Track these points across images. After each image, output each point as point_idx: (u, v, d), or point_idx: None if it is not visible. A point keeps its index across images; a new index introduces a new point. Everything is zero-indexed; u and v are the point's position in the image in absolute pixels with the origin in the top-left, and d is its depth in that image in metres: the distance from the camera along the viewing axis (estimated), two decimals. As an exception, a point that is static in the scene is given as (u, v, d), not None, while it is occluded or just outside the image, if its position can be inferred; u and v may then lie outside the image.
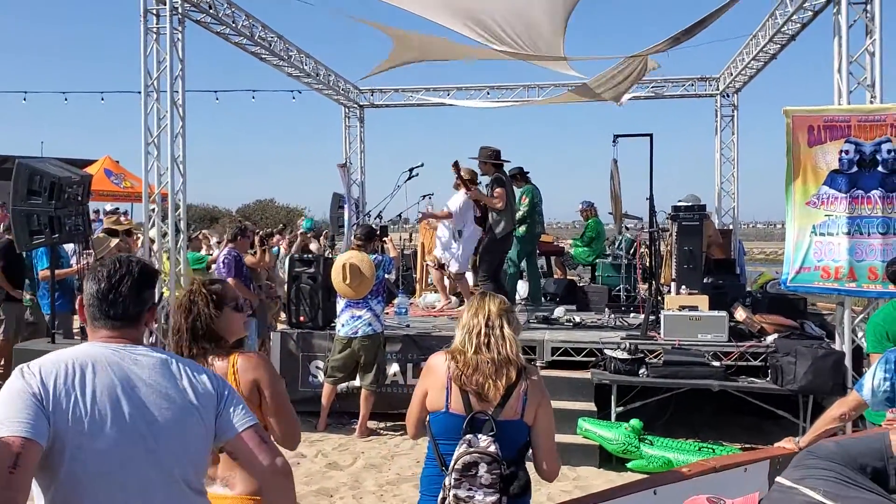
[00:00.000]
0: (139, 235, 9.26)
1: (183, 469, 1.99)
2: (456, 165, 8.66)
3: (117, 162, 17.97)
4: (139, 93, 8.13)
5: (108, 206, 13.59)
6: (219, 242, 7.59)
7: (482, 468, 2.66)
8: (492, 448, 2.69)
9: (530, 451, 2.90)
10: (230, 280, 7.39)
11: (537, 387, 2.87)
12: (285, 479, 2.15)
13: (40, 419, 1.75)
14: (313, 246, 13.14)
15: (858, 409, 3.47)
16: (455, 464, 2.70)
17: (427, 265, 10.99)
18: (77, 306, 2.13)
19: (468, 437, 2.73)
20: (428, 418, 2.92)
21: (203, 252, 10.54)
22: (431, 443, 2.90)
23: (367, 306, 7.25)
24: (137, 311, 2.06)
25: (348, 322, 7.28)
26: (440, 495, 2.76)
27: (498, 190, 8.28)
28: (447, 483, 2.72)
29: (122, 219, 11.25)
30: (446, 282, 9.90)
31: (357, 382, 7.46)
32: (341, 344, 7.33)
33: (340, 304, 7.39)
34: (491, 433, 2.73)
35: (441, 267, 9.47)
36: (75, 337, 7.87)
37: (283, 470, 2.15)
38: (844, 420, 3.50)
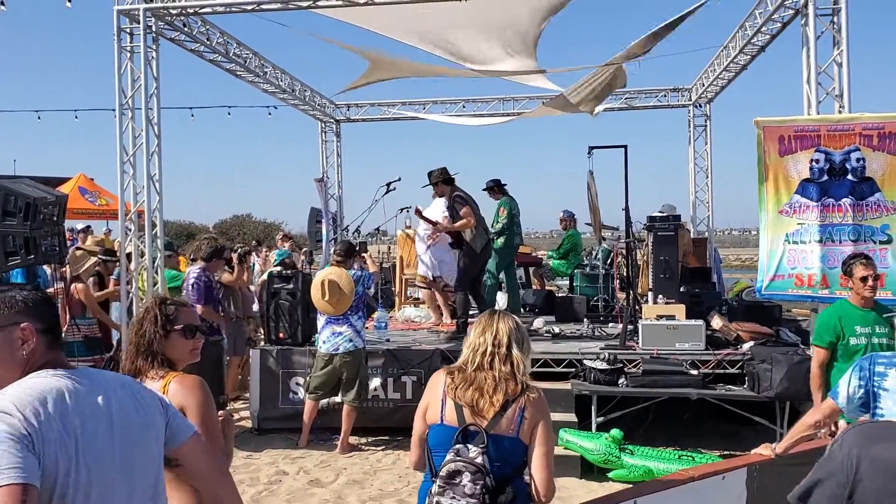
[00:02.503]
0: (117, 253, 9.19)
1: (153, 488, 2.01)
2: (418, 212, 8.78)
3: (92, 179, 17.81)
4: (114, 111, 8.10)
5: (80, 225, 13.43)
6: (193, 259, 7.53)
7: (466, 477, 2.66)
8: (479, 459, 2.68)
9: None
10: (199, 307, 6.92)
11: (536, 406, 2.83)
12: (231, 479, 2.28)
13: (32, 461, 1.70)
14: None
15: (833, 416, 3.53)
16: (440, 471, 2.71)
17: (406, 278, 11.01)
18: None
19: (458, 446, 2.74)
20: (427, 431, 2.93)
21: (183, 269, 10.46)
22: (427, 455, 2.90)
23: (347, 322, 7.24)
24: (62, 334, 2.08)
25: (329, 339, 7.27)
26: (426, 501, 2.77)
27: (464, 209, 8.35)
28: (433, 490, 2.73)
29: (90, 239, 11.13)
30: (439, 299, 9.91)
31: (338, 398, 7.45)
32: (323, 360, 7.32)
33: (321, 320, 7.38)
34: (481, 445, 2.72)
35: (430, 284, 9.54)
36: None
37: (227, 470, 2.29)
38: (820, 427, 3.55)
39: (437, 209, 8.97)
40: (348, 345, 7.22)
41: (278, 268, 9.29)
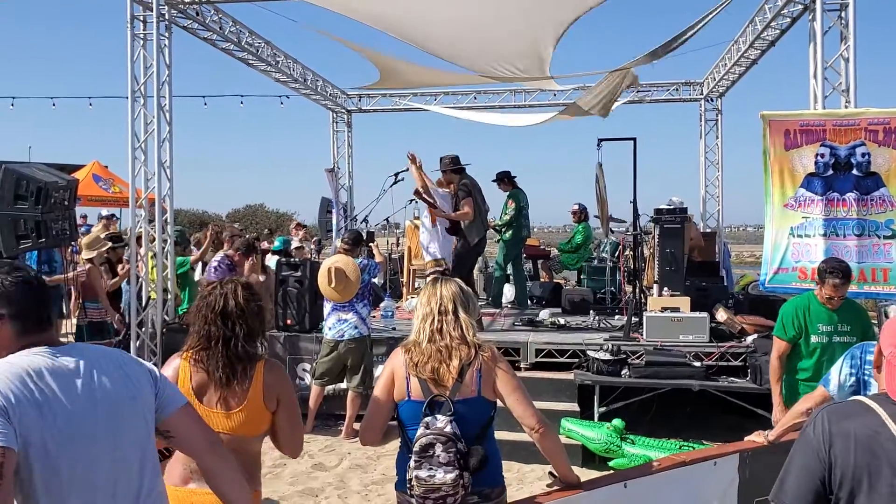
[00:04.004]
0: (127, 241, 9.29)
1: (140, 460, 2.04)
2: (417, 192, 8.81)
3: (106, 167, 17.92)
4: (126, 98, 8.19)
5: (105, 211, 13.59)
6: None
7: (438, 448, 2.75)
8: (448, 428, 2.78)
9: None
10: None
11: (490, 361, 2.93)
12: (223, 450, 2.24)
13: (8, 428, 1.74)
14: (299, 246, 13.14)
15: (824, 404, 3.56)
16: (414, 446, 2.81)
17: (413, 269, 11.07)
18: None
19: (427, 419, 2.83)
20: (397, 408, 2.99)
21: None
22: (400, 428, 2.98)
23: (352, 310, 7.32)
24: (50, 314, 2.07)
25: (335, 325, 7.35)
26: (406, 476, 2.85)
27: (465, 201, 8.40)
28: (410, 465, 2.82)
29: (95, 228, 11.24)
30: None
31: (344, 384, 7.53)
32: (328, 347, 7.40)
33: (327, 307, 7.47)
34: (449, 413, 2.82)
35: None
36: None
37: (218, 441, 2.25)
38: (811, 415, 3.58)
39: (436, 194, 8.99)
40: (353, 332, 7.29)
41: (276, 256, 9.36)
